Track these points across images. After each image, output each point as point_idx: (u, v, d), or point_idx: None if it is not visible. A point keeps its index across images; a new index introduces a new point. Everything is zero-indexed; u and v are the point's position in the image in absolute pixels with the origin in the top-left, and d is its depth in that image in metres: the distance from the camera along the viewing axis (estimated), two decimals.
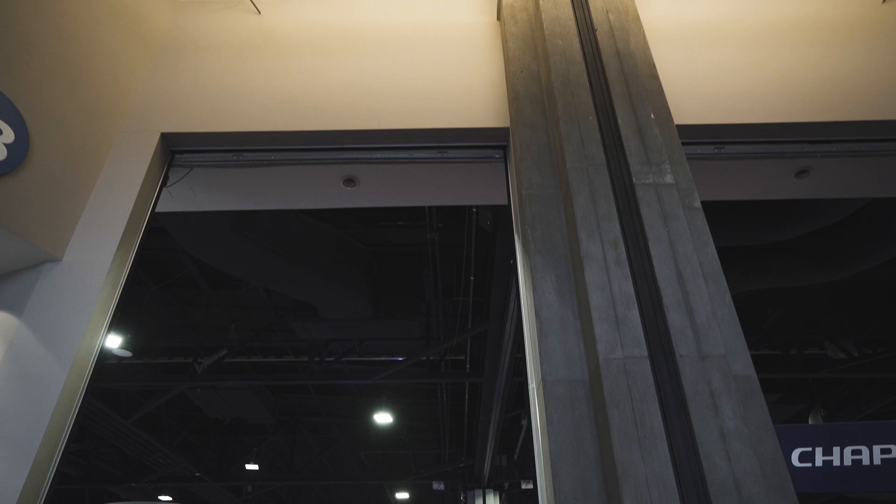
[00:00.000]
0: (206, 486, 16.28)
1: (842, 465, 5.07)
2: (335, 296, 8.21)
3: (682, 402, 1.97)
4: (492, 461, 14.30)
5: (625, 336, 2.12)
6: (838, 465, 5.07)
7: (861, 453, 5.15)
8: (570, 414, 2.11)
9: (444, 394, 12.33)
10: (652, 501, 1.79)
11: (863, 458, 5.14)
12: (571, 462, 2.01)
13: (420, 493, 18.88)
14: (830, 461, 5.06)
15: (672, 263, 2.29)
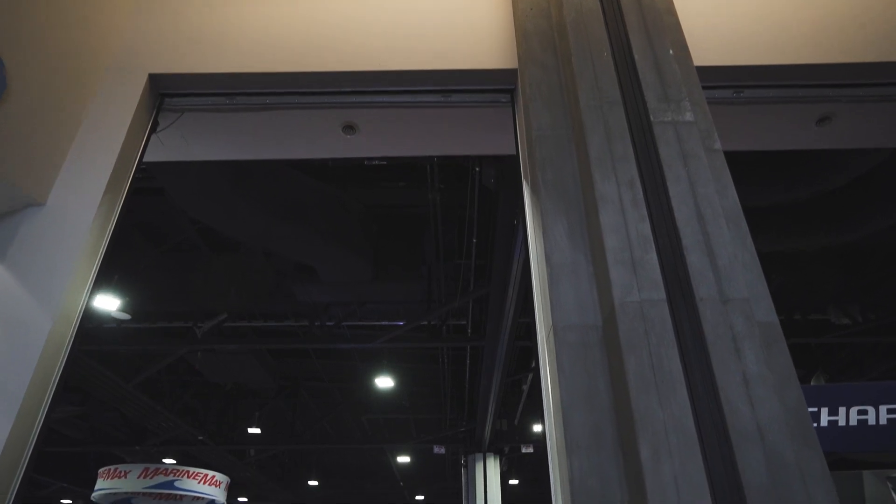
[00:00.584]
0: (208, 450, 16.46)
1: (847, 425, 5.02)
2: (335, 257, 8.09)
3: (703, 347, 1.86)
4: (492, 425, 14.41)
5: (642, 279, 2.00)
6: (844, 425, 5.02)
7: (867, 413, 5.10)
8: (583, 361, 2.00)
9: (445, 358, 12.34)
10: (670, 448, 1.69)
11: (869, 417, 5.08)
12: (584, 410, 1.90)
13: (421, 457, 19.13)
14: (836, 421, 5.01)
15: (692, 204, 2.15)
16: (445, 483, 22.24)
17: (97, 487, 15.37)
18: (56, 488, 21.54)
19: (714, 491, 1.63)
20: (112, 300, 8.54)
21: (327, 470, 22.26)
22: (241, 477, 19.43)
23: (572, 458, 1.83)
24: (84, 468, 19.44)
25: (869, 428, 5.05)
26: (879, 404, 5.16)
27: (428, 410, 15.88)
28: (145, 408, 13.54)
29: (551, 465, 2.08)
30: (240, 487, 21.33)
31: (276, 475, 20.97)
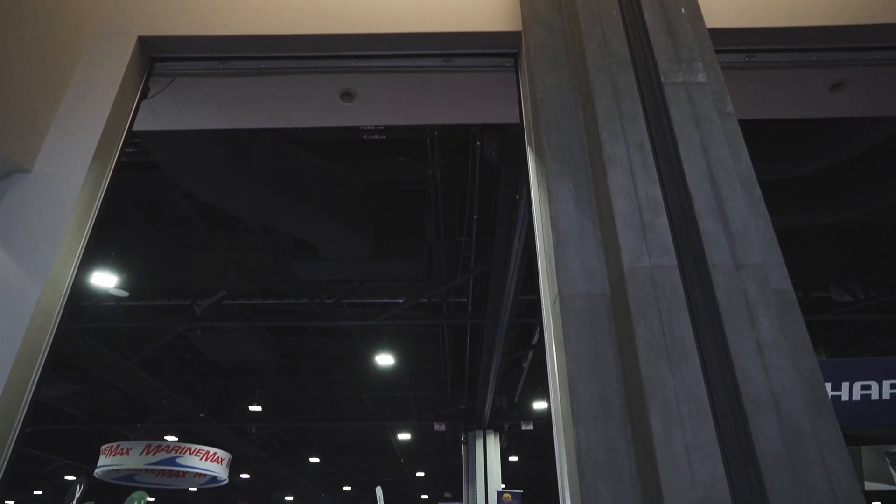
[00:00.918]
0: (210, 427, 16.54)
1: (850, 399, 4.97)
2: (334, 234, 8.00)
3: (716, 314, 1.78)
4: (493, 403, 14.46)
5: (652, 244, 1.92)
6: (847, 399, 4.98)
7: (870, 388, 5.05)
8: (590, 329, 1.93)
9: (445, 336, 12.32)
10: (682, 417, 1.62)
11: (872, 392, 5.04)
12: (591, 379, 1.84)
13: (421, 434, 19.25)
14: (839, 396, 4.96)
15: (704, 167, 2.06)
16: (445, 460, 22.45)
17: (100, 464, 15.49)
18: (59, 465, 21.74)
19: (727, 460, 1.57)
20: (109, 277, 8.47)
21: (328, 447, 22.44)
22: (243, 454, 19.59)
23: (579, 429, 1.77)
24: (86, 446, 19.60)
25: (872, 403, 5.01)
26: (883, 379, 5.12)
27: (428, 388, 15.93)
28: (146, 385, 13.56)
29: (557, 435, 2.02)
30: (241, 464, 21.52)
31: (277, 452, 21.14)
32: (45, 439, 19.79)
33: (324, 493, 29.08)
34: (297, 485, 26.01)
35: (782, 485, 1.53)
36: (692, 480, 1.54)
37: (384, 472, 25.02)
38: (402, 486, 27.72)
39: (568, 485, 1.84)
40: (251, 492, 28.39)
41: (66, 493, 13.69)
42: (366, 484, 27.07)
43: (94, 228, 2.56)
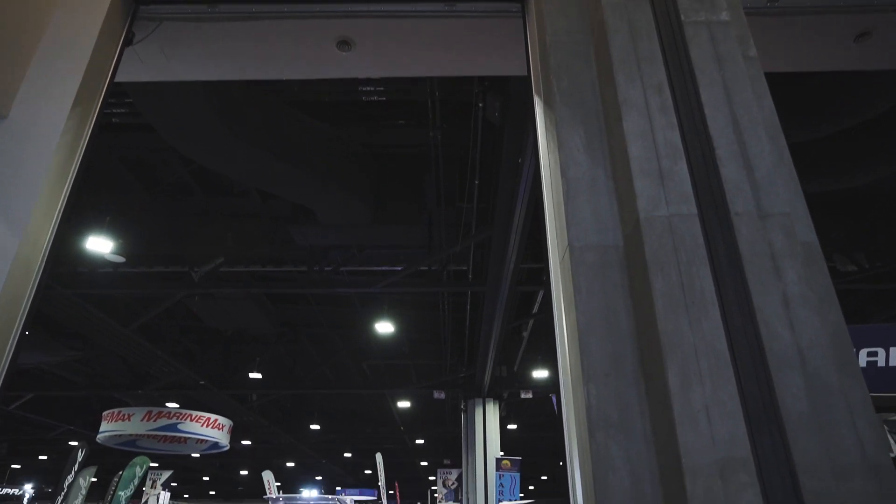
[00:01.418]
0: (210, 394, 16.63)
1: None
2: (333, 199, 7.85)
3: (738, 265, 1.66)
4: (492, 372, 14.50)
5: (670, 191, 1.78)
6: None
7: (877, 355, 5.00)
8: (602, 283, 1.81)
9: (445, 305, 12.25)
10: (701, 373, 1.52)
11: (878, 359, 4.99)
12: (602, 335, 1.73)
13: (421, 402, 19.40)
14: None
15: (727, 111, 1.91)
16: (445, 428, 22.69)
17: (102, 430, 15.62)
18: (63, 431, 21.97)
19: (749, 418, 1.47)
20: (105, 242, 8.34)
21: (328, 414, 22.65)
22: (244, 421, 19.76)
23: (589, 386, 1.66)
24: (89, 412, 19.76)
25: (878, 369, 4.96)
26: (889, 346, 5.07)
27: (428, 356, 15.96)
28: (145, 352, 13.56)
29: (564, 394, 1.92)
30: (243, 431, 21.75)
31: (277, 419, 21.34)
32: (47, 406, 19.95)
33: (324, 459, 29.49)
34: (298, 451, 26.36)
35: (808, 444, 1.43)
36: (712, 439, 1.44)
37: (384, 439, 25.33)
38: (401, 453, 28.11)
39: (577, 445, 1.74)
40: (252, 458, 28.80)
41: (68, 458, 13.82)
42: (366, 451, 27.45)
43: (77, 179, 2.42)
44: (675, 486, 1.45)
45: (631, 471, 1.56)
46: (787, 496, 1.38)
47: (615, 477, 1.56)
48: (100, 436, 15.76)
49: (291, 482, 33.82)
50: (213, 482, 40.34)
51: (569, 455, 1.85)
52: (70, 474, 13.64)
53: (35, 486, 35.71)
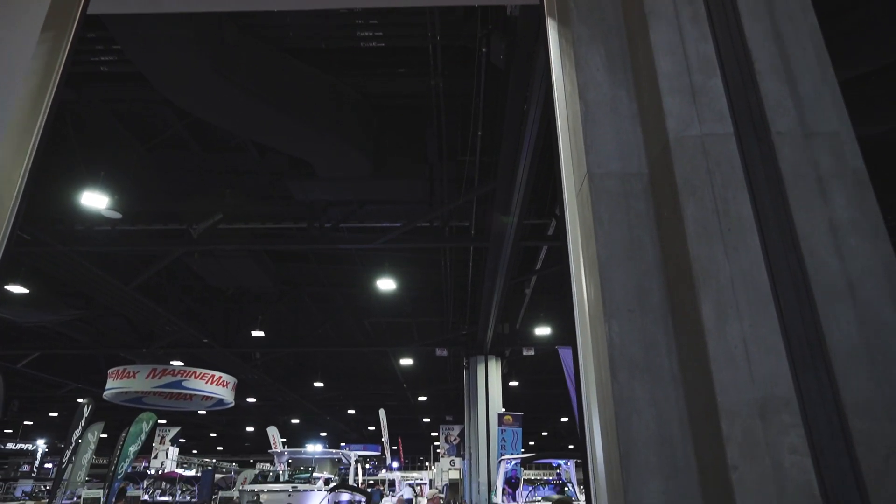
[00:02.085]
0: (214, 353, 16.72)
1: None
2: (331, 151, 7.62)
3: (779, 188, 1.49)
4: (494, 329, 14.50)
5: (703, 109, 1.60)
6: None
7: None
8: (625, 212, 1.64)
9: (447, 262, 12.13)
10: (738, 306, 1.36)
11: None
12: (626, 268, 1.57)
13: (423, 359, 19.53)
14: None
15: (766, 19, 1.71)
16: (447, 385, 22.93)
17: (108, 387, 15.77)
18: (71, 389, 22.24)
19: (791, 355, 1.33)
20: (100, 197, 8.15)
21: (331, 372, 22.87)
22: (248, 379, 19.95)
23: (612, 323, 1.52)
24: (96, 370, 19.92)
25: None
26: None
27: (430, 314, 15.94)
28: (148, 311, 13.54)
29: (581, 333, 1.78)
30: (247, 388, 22.01)
31: (281, 377, 21.54)
32: (55, 364, 20.14)
33: (328, 416, 29.99)
34: (303, 408, 26.75)
35: (858, 382, 1.29)
36: (750, 377, 1.30)
37: (387, 396, 25.66)
38: (404, 409, 28.52)
39: (596, 386, 1.61)
40: (258, 415, 29.29)
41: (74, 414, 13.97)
42: (369, 408, 27.87)
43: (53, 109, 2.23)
44: (709, 428, 1.32)
45: (657, 413, 1.43)
46: (834, 437, 1.25)
47: (640, 420, 1.43)
48: (106, 393, 15.93)
49: (297, 438, 34.49)
50: (221, 438, 41.21)
51: (586, 399, 1.72)
52: (77, 429, 13.82)
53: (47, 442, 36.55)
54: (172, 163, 9.85)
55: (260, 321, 15.45)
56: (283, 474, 15.25)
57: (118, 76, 7.54)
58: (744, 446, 1.24)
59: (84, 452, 15.70)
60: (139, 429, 15.28)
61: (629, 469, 1.38)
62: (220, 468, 34.53)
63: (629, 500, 1.36)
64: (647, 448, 1.40)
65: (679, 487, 1.37)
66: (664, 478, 1.38)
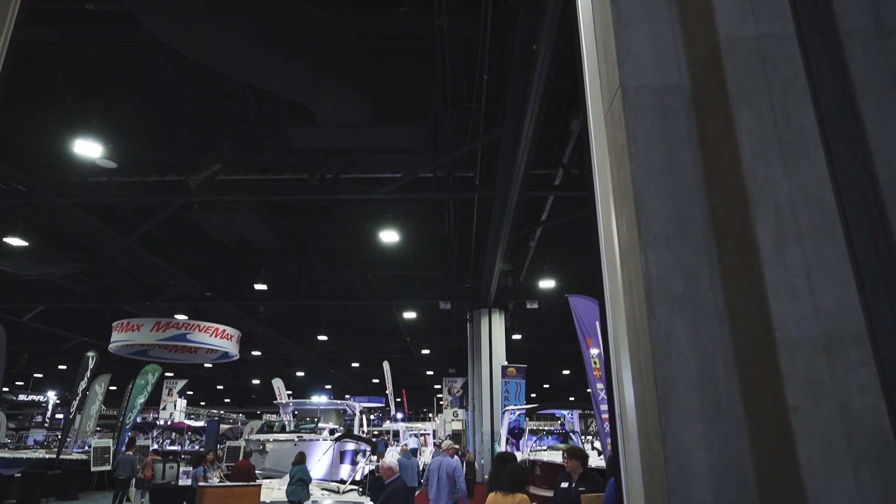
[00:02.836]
0: (218, 307, 16.73)
1: None
2: (331, 96, 7.30)
3: (849, 95, 1.28)
4: (498, 282, 14.40)
5: (759, 4, 1.38)
6: None
7: None
8: (663, 130, 1.44)
9: (451, 214, 11.91)
10: (800, 229, 1.18)
11: None
12: (664, 192, 1.38)
13: (426, 312, 19.56)
14: None
15: None
16: (450, 338, 23.07)
17: (113, 340, 15.85)
18: (78, 342, 22.43)
19: (862, 284, 1.15)
20: (93, 146, 7.90)
21: (335, 326, 22.98)
22: (253, 332, 20.06)
23: (648, 253, 1.34)
24: (103, 324, 20.03)
25: None
26: None
27: (433, 267, 15.84)
28: (150, 265, 13.43)
29: (608, 266, 1.60)
30: (252, 341, 22.18)
31: (285, 331, 21.67)
32: (61, 318, 20.27)
33: (333, 369, 30.37)
34: (307, 361, 27.06)
35: None
36: (814, 309, 1.13)
37: (391, 349, 25.89)
38: (408, 362, 28.85)
39: (627, 325, 1.44)
40: (263, 368, 29.68)
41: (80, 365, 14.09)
42: (373, 361, 28.20)
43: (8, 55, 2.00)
44: (763, 367, 1.16)
45: (699, 351, 1.27)
46: None
47: (680, 359, 1.27)
48: (111, 345, 16.03)
49: (302, 391, 35.08)
50: (228, 391, 42.00)
51: (613, 339, 1.56)
52: (83, 381, 13.96)
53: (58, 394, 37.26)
54: (168, 112, 9.54)
55: (262, 275, 15.37)
56: (289, 425, 15.48)
57: (105, 15, 7.18)
58: (806, 387, 1.08)
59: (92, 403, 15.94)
60: (145, 380, 15.45)
61: (668, 414, 1.23)
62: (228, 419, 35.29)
63: (668, 447, 1.21)
64: (689, 390, 1.24)
65: (724, 433, 1.22)
66: (707, 423, 1.23)
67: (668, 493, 1.19)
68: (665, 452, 1.21)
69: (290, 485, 8.16)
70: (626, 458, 1.48)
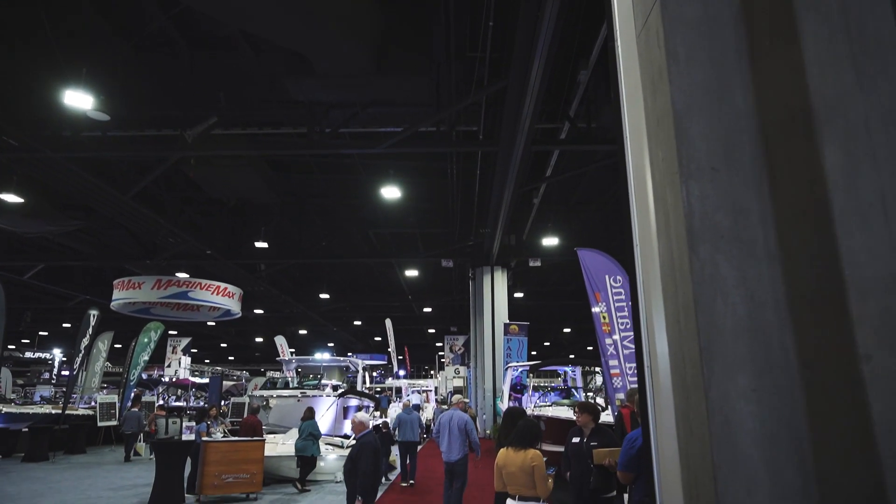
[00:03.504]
0: (219, 265, 16.65)
1: None
2: (331, 44, 6.98)
3: None
4: (501, 240, 14.26)
5: None
6: None
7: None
8: (707, 46, 1.26)
9: (454, 170, 11.68)
10: (875, 152, 1.02)
11: None
12: (708, 116, 1.22)
13: (428, 270, 19.49)
14: None
15: None
16: (452, 297, 23.09)
17: (115, 298, 15.83)
18: (81, 300, 22.47)
19: None
20: (84, 97, 7.62)
21: (337, 284, 22.97)
22: (255, 291, 20.04)
23: (690, 185, 1.18)
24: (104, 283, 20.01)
25: None
26: None
27: (435, 225, 15.68)
28: (150, 222, 13.28)
29: (637, 202, 1.45)
30: (254, 300, 22.20)
31: (287, 289, 21.66)
32: (64, 277, 20.26)
33: (335, 327, 30.57)
34: (310, 320, 27.18)
35: None
36: (891, 243, 0.98)
37: (393, 308, 25.98)
38: (409, 321, 29.00)
39: (662, 266, 1.30)
40: (266, 326, 29.86)
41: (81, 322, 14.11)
42: (375, 319, 28.34)
43: None
44: (824, 311, 1.02)
45: (747, 294, 1.13)
46: None
47: (725, 304, 1.13)
48: (114, 303, 16.02)
49: (304, 349, 35.41)
50: (231, 349, 42.46)
51: (643, 283, 1.42)
52: (85, 338, 14.00)
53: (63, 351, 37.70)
54: (161, 63, 9.20)
55: (263, 233, 15.23)
56: (292, 381, 15.60)
57: None
58: (881, 331, 0.94)
59: (96, 360, 16.05)
60: (148, 337, 15.51)
61: (711, 363, 1.10)
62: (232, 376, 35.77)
63: (712, 399, 1.08)
64: (736, 338, 1.11)
65: (774, 384, 1.08)
66: (756, 373, 1.09)
67: (710, 448, 1.07)
68: (708, 405, 1.08)
69: (302, 439, 8.25)
70: (657, 411, 1.35)
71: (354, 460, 4.49)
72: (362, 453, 4.46)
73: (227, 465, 7.22)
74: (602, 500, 3.86)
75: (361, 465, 4.41)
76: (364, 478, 4.38)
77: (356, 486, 4.42)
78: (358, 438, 4.66)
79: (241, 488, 7.29)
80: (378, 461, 4.54)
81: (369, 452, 4.45)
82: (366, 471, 4.38)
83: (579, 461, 3.91)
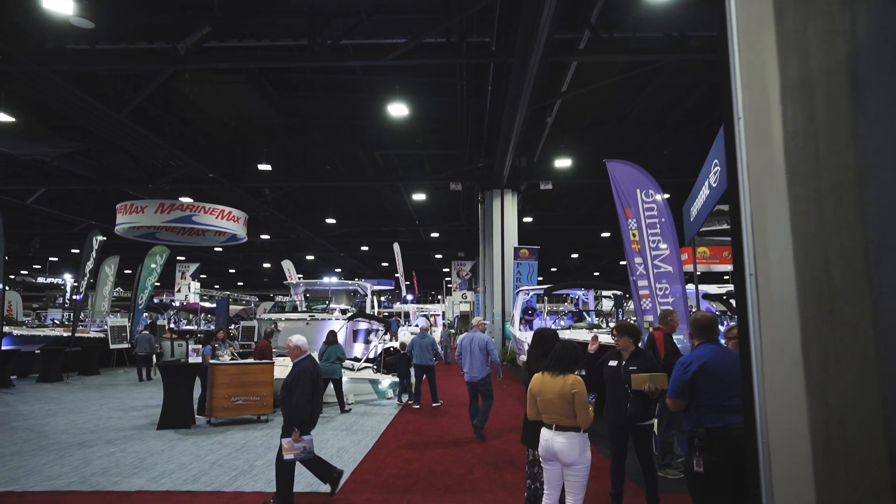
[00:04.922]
0: (223, 189, 16.28)
1: None
2: None
3: None
4: (511, 162, 13.72)
5: None
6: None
7: None
8: None
9: (463, 86, 11.02)
10: None
11: None
12: None
13: (436, 194, 19.06)
14: None
15: None
16: (460, 222, 22.78)
17: (118, 222, 15.62)
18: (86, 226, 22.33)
19: None
20: (65, 1, 7.02)
21: (344, 209, 22.63)
22: (260, 215, 19.77)
23: None
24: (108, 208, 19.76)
25: None
26: None
27: (444, 146, 15.10)
28: (149, 143, 12.81)
29: None
30: (260, 225, 21.98)
31: (293, 214, 21.36)
32: (68, 202, 20.02)
33: (342, 253, 30.50)
34: (317, 245, 27.06)
35: None
36: None
37: (399, 233, 25.75)
38: (416, 246, 28.84)
39: None
40: (273, 251, 29.82)
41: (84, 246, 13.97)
42: (382, 244, 28.22)
43: None
44: None
45: None
46: None
47: None
48: (117, 228, 15.83)
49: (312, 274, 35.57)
50: (240, 274, 42.77)
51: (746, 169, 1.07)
52: (90, 261, 13.89)
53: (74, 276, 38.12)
54: None
55: (266, 154, 14.74)
56: (301, 305, 15.59)
57: None
58: None
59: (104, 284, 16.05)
60: (154, 262, 15.42)
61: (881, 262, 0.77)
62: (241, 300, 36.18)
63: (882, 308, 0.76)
64: None
65: None
66: None
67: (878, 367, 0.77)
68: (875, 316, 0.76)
69: (330, 363, 8.26)
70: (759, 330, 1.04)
71: (290, 388, 4.02)
72: (299, 381, 4.00)
73: (236, 388, 7.18)
74: (638, 429, 3.68)
75: (296, 396, 3.94)
76: (298, 410, 3.94)
77: (291, 417, 3.96)
78: (295, 364, 4.18)
79: (251, 410, 7.29)
80: (316, 389, 4.05)
81: (307, 381, 3.99)
82: (299, 403, 3.94)
83: (616, 387, 3.69)
